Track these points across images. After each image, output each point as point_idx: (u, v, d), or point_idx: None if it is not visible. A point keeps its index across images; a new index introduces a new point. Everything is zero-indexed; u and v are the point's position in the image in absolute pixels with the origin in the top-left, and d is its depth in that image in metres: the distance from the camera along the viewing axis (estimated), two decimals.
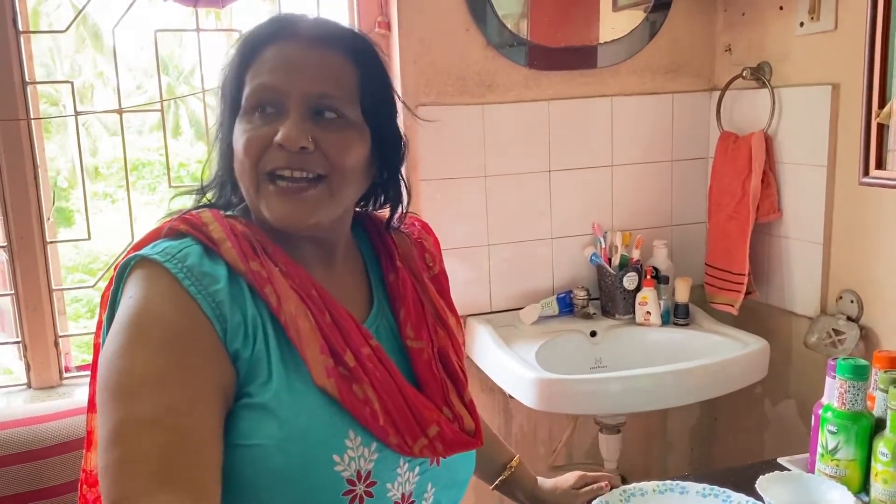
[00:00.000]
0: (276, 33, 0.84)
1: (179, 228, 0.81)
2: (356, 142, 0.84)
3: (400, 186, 0.95)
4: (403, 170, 0.94)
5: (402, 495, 0.83)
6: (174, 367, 0.73)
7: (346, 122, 0.83)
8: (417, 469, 0.85)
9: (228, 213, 0.88)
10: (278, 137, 0.79)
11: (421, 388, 0.87)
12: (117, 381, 0.72)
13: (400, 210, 0.96)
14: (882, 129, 1.49)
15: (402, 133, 0.92)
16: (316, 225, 0.84)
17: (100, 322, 0.84)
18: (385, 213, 0.98)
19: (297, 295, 0.81)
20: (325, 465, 0.77)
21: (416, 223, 1.03)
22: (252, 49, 0.83)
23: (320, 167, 0.81)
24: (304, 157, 0.80)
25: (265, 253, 0.82)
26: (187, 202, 0.90)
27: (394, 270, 0.94)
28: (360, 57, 0.85)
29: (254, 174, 0.81)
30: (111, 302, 0.80)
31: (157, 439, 0.69)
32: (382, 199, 0.96)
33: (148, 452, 0.68)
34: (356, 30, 0.89)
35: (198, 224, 0.81)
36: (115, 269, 0.82)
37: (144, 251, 0.79)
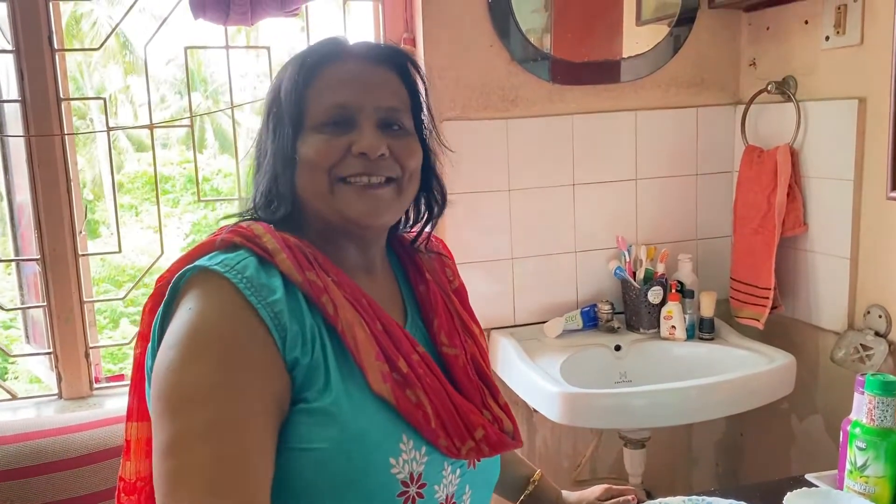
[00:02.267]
0: (332, 53, 0.90)
1: (233, 241, 0.83)
2: (417, 148, 0.92)
3: (432, 199, 1.00)
4: (440, 184, 1.01)
5: (447, 496, 0.87)
6: (230, 382, 0.75)
7: (407, 132, 0.91)
8: (458, 471, 0.89)
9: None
10: (360, 147, 0.86)
11: (461, 392, 0.91)
12: (173, 394, 0.74)
13: (430, 226, 1.01)
14: None
15: (434, 149, 0.98)
16: (385, 223, 0.91)
17: (141, 334, 0.85)
18: (410, 233, 1.03)
19: (350, 304, 0.84)
20: (383, 467, 0.81)
21: (434, 239, 1.07)
22: (311, 69, 0.88)
23: (393, 171, 0.88)
24: (380, 162, 0.87)
25: (317, 263, 0.85)
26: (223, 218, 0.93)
27: (423, 282, 0.98)
28: (408, 75, 0.93)
29: (327, 179, 0.86)
30: (162, 314, 0.81)
31: (209, 452, 0.71)
32: (414, 214, 1.01)
33: (200, 464, 0.71)
34: (403, 49, 0.95)
35: (251, 236, 0.83)
36: (158, 281, 0.84)
37: (203, 262, 0.80)
